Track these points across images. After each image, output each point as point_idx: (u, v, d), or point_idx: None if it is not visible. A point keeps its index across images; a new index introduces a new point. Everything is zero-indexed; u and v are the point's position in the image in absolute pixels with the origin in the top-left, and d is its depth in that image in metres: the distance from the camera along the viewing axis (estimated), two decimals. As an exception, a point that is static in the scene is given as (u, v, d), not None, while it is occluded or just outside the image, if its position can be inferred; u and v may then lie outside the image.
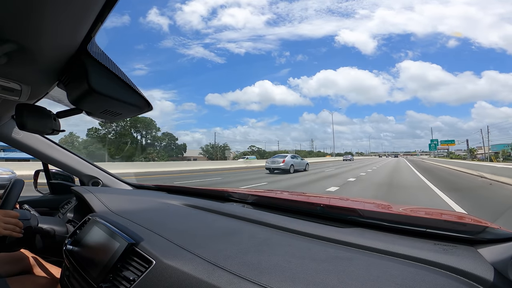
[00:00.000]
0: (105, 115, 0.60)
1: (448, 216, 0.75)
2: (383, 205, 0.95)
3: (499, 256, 0.47)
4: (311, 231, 0.66)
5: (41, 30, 0.42)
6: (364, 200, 1.24)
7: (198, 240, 0.65)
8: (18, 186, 0.99)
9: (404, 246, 0.54)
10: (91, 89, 0.48)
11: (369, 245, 0.57)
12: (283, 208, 0.92)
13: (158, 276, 0.54)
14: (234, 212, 0.88)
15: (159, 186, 1.49)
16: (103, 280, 0.62)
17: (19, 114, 0.61)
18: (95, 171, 1.49)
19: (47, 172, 1.47)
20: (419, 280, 0.43)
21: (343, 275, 0.45)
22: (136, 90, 0.54)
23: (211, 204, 1.00)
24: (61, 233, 0.97)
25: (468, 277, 0.44)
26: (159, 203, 1.07)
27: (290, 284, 0.44)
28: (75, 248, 0.78)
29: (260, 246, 0.59)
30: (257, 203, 1.03)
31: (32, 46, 0.46)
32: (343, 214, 0.77)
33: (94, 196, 1.03)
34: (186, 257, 0.56)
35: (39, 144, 1.30)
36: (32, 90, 0.65)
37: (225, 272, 0.49)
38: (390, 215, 0.74)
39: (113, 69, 0.51)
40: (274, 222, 0.75)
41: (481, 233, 0.56)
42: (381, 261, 0.51)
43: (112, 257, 0.64)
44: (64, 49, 0.49)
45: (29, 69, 0.55)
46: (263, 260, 0.52)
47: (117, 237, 0.68)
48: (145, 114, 0.62)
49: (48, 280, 0.99)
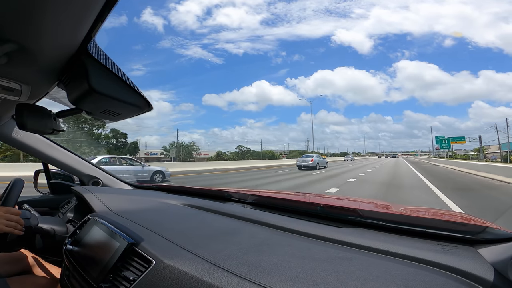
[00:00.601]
0: (105, 115, 0.60)
1: (448, 216, 0.75)
2: (383, 205, 0.95)
3: (499, 256, 0.47)
4: (311, 231, 0.66)
5: (41, 30, 0.42)
6: (364, 200, 1.24)
7: (198, 240, 0.65)
8: (18, 186, 0.99)
9: (404, 246, 0.54)
10: (91, 89, 0.48)
11: (369, 245, 0.57)
12: (283, 208, 0.92)
13: (158, 276, 0.54)
14: (234, 212, 0.88)
15: (159, 186, 1.49)
16: (103, 280, 0.62)
17: (19, 114, 0.61)
18: (95, 171, 1.49)
19: (47, 172, 1.47)
20: (419, 280, 0.43)
21: (343, 275, 0.45)
22: (136, 90, 0.54)
23: (211, 204, 1.00)
24: (61, 233, 0.97)
25: (468, 277, 0.44)
26: (159, 203, 1.07)
27: (290, 284, 0.44)
28: (75, 248, 0.78)
29: (260, 246, 0.59)
30: (257, 203, 1.03)
31: (32, 46, 0.46)
32: (343, 214, 0.77)
33: (94, 196, 1.03)
34: (186, 257, 0.56)
35: (39, 144, 1.30)
36: (32, 90, 0.65)
37: (225, 272, 0.49)
38: (390, 215, 0.74)
39: (113, 69, 0.51)
40: (274, 222, 0.75)
41: (481, 233, 0.56)
42: (381, 261, 0.51)
43: (112, 257, 0.64)
44: (64, 49, 0.49)
45: (29, 69, 0.55)
46: (263, 260, 0.52)
47: (117, 237, 0.68)
48: (145, 114, 0.62)
49: (48, 280, 0.99)
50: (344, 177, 10.72)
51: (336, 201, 1.03)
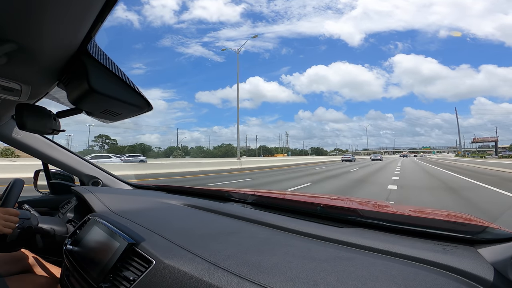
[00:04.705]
0: (105, 115, 0.60)
1: (448, 216, 0.75)
2: (383, 205, 0.95)
3: (499, 256, 0.47)
4: (311, 231, 0.66)
5: (41, 30, 0.42)
6: (364, 200, 1.24)
7: (198, 240, 0.65)
8: (18, 186, 0.99)
9: (404, 246, 0.54)
10: (91, 89, 0.49)
11: (369, 245, 0.57)
12: (283, 208, 0.92)
13: (158, 276, 0.54)
14: (234, 212, 0.88)
15: (159, 186, 1.49)
16: (103, 280, 0.62)
17: (19, 114, 0.61)
18: (95, 171, 1.49)
19: (47, 172, 1.47)
20: (419, 280, 0.43)
21: (343, 275, 0.45)
22: (136, 90, 0.54)
23: (211, 204, 1.00)
24: (61, 233, 0.97)
25: (468, 277, 0.44)
26: (159, 203, 1.07)
27: (290, 284, 0.44)
28: (75, 248, 0.78)
29: (260, 246, 0.59)
30: (257, 203, 1.03)
31: (32, 46, 0.46)
32: (343, 214, 0.77)
33: (94, 196, 1.03)
34: (186, 257, 0.56)
35: (39, 144, 1.30)
36: (32, 90, 0.64)
37: (225, 272, 0.49)
38: (390, 215, 0.74)
39: (113, 69, 0.51)
40: (274, 222, 0.75)
41: (481, 233, 0.56)
42: (381, 261, 0.51)
43: (112, 257, 0.64)
44: (64, 49, 0.49)
45: (29, 69, 0.55)
46: (263, 260, 0.52)
47: (117, 237, 0.68)
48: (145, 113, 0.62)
49: (48, 280, 0.99)
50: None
51: (336, 201, 1.03)
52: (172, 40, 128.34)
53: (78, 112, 0.60)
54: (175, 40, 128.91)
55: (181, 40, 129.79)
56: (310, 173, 12.72)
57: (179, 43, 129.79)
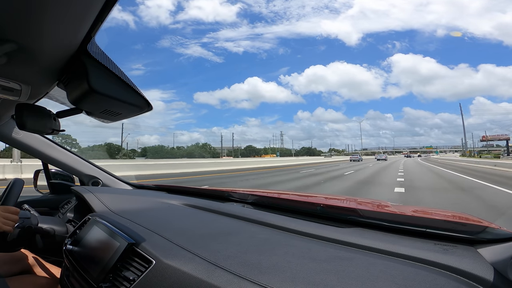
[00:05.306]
0: (105, 115, 0.60)
1: (448, 216, 0.75)
2: (383, 205, 0.95)
3: (499, 256, 0.47)
4: (311, 231, 0.66)
5: (41, 30, 0.42)
6: (364, 200, 1.24)
7: (198, 240, 0.65)
8: (18, 186, 0.99)
9: (404, 246, 0.54)
10: (91, 89, 0.49)
11: (369, 245, 0.57)
12: (283, 208, 0.92)
13: (158, 276, 0.54)
14: (234, 212, 0.88)
15: (159, 186, 1.49)
16: (103, 280, 0.62)
17: (19, 114, 0.61)
18: (95, 171, 1.49)
19: (47, 172, 1.47)
20: (419, 280, 0.43)
21: (343, 275, 0.45)
22: (136, 90, 0.54)
23: (211, 204, 1.00)
24: (61, 233, 0.97)
25: (468, 277, 0.44)
26: (159, 203, 1.07)
27: (290, 284, 0.44)
28: (75, 248, 0.78)
29: (260, 246, 0.59)
30: (257, 203, 1.03)
31: (32, 46, 0.46)
32: (343, 214, 0.77)
33: (94, 196, 1.03)
34: (186, 257, 0.56)
35: (39, 144, 1.30)
36: (32, 90, 0.64)
37: (225, 272, 0.49)
38: (390, 215, 0.74)
39: (113, 69, 0.51)
40: (274, 222, 0.75)
41: (481, 233, 0.56)
42: (381, 261, 0.51)
43: (112, 257, 0.64)
44: (64, 49, 0.49)
45: (29, 69, 0.55)
46: (263, 260, 0.52)
47: (117, 237, 0.68)
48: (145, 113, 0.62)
49: (48, 280, 0.99)
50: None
51: (336, 201, 1.03)
52: (171, 40, 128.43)
53: (78, 112, 0.60)
54: (174, 40, 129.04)
55: (180, 40, 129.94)
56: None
57: (178, 44, 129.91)
